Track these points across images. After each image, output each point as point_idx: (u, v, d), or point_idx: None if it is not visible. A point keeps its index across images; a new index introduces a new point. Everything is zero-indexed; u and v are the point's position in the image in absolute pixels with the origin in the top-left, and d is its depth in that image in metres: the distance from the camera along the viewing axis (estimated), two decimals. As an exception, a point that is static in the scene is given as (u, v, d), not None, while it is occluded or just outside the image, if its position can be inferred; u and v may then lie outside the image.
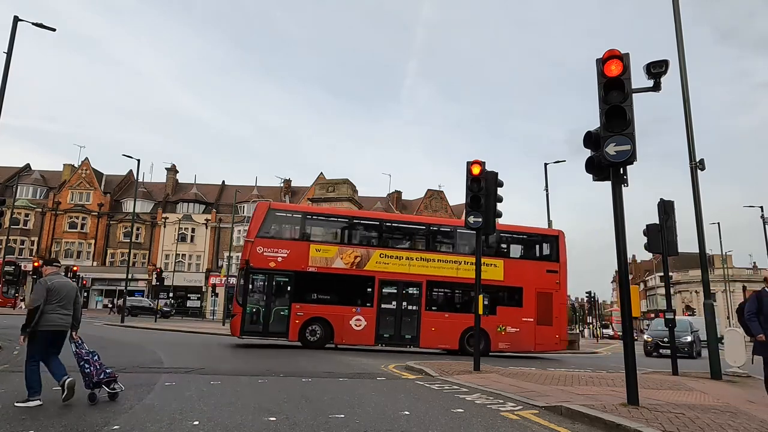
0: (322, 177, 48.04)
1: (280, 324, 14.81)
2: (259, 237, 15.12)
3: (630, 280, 6.50)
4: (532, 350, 15.85)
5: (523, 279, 15.73)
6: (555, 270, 15.94)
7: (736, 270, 58.07)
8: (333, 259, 15.27)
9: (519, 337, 15.49)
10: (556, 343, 15.67)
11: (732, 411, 6.14)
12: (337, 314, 15.01)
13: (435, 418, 5.36)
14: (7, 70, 14.05)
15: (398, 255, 15.64)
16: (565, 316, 16.03)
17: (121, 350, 12.62)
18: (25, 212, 47.88)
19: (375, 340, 15.18)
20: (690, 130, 11.10)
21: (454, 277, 15.58)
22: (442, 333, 15.26)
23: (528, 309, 15.52)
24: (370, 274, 15.28)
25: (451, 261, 15.78)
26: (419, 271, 15.45)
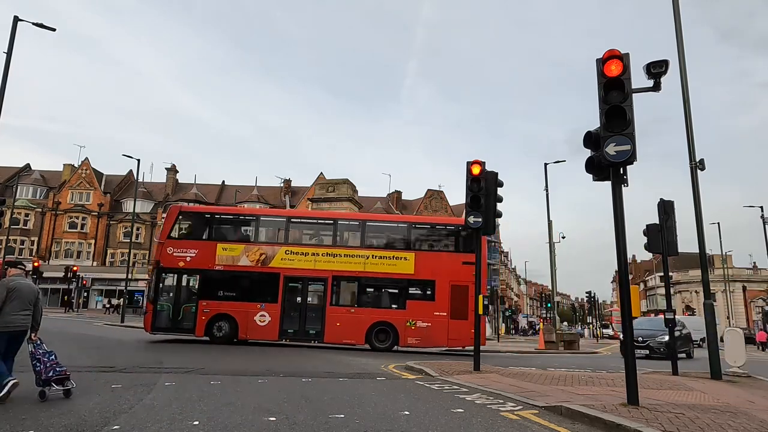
0: (322, 177, 48.06)
1: (188, 320, 15.38)
2: (169, 239, 15.92)
3: (630, 280, 6.50)
4: (444, 345, 15.39)
5: (436, 272, 15.23)
6: (472, 262, 15.02)
7: (736, 270, 58.08)
8: (239, 258, 15.65)
9: (430, 332, 15.13)
10: (471, 338, 14.04)
11: (732, 411, 6.14)
12: (241, 311, 15.39)
13: (435, 418, 5.36)
14: (7, 70, 14.07)
15: (304, 251, 15.78)
16: None
17: (121, 350, 12.63)
18: (25, 212, 47.88)
19: (279, 336, 15.46)
20: (690, 130, 11.10)
21: (361, 272, 15.53)
22: (348, 328, 15.27)
23: (441, 303, 15.04)
24: (275, 271, 15.52)
25: (359, 255, 15.65)
26: (325, 267, 15.50)
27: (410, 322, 15.11)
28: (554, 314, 29.40)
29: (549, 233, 27.24)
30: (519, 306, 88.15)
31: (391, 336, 15.09)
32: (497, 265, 60.87)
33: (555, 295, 29.85)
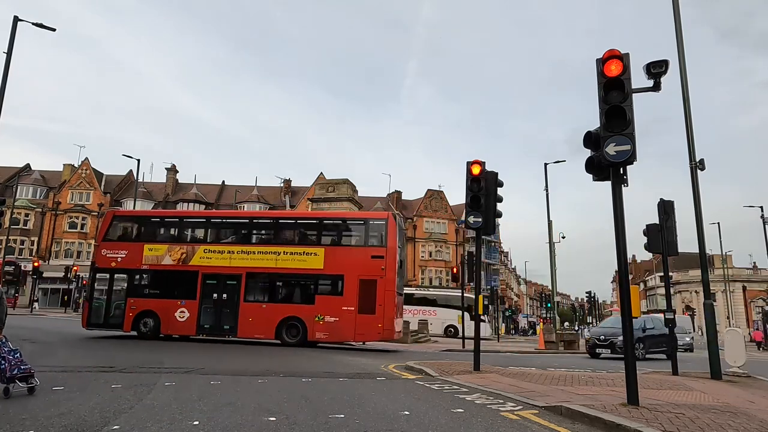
0: (322, 177, 48.06)
1: (118, 317, 16.21)
2: (104, 241, 17.13)
3: (630, 280, 6.50)
4: (352, 340, 15.48)
5: (345, 266, 15.23)
6: (381, 255, 14.92)
7: (736, 270, 58.09)
8: (163, 257, 16.37)
9: (338, 327, 15.13)
10: (378, 332, 14.75)
11: (732, 411, 6.14)
12: (164, 307, 16.03)
13: (435, 418, 5.36)
14: (7, 70, 14.08)
15: (221, 249, 16.32)
16: (391, 303, 14.63)
17: (121, 350, 12.63)
18: (25, 212, 47.89)
19: (196, 331, 15.96)
20: (690, 130, 11.10)
21: (273, 268, 15.78)
22: (259, 323, 15.55)
23: (349, 297, 15.00)
24: (194, 269, 16.08)
25: (271, 252, 15.91)
26: (239, 264, 15.90)
27: (319, 316, 15.20)
28: (554, 314, 29.42)
29: (549, 233, 27.26)
30: (519, 306, 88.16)
31: (300, 331, 15.31)
32: (497, 265, 60.90)
33: (555, 295, 29.87)
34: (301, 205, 50.56)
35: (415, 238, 51.79)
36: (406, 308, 34.55)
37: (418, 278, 50.35)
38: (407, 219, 52.52)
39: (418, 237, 51.91)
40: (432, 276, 51.24)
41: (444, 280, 50.52)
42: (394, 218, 15.70)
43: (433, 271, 51.45)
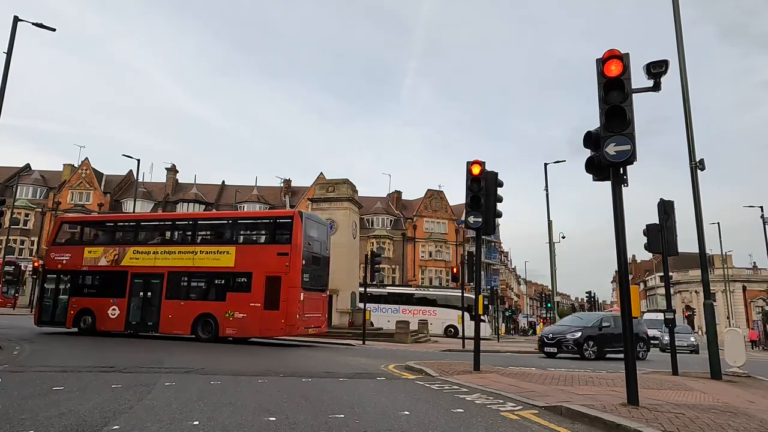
0: (322, 177, 48.05)
1: (63, 315, 17.46)
2: (53, 245, 18.60)
3: (630, 280, 6.50)
4: (258, 335, 15.93)
5: (254, 264, 15.73)
6: (286, 252, 15.37)
7: (736, 270, 58.07)
8: (99, 258, 17.60)
9: (246, 323, 15.55)
10: (281, 328, 15.13)
11: (732, 411, 6.14)
12: (99, 305, 17.18)
13: (435, 418, 5.36)
14: (7, 70, 14.05)
15: (147, 250, 17.33)
16: (295, 299, 14.96)
17: (122, 350, 12.63)
18: (25, 212, 47.89)
19: (125, 327, 16.91)
20: (690, 130, 11.10)
21: (191, 267, 16.49)
22: (178, 319, 16.23)
23: (256, 294, 15.46)
24: (124, 269, 17.17)
25: (189, 251, 16.69)
26: (162, 263, 16.78)
27: (229, 313, 15.70)
28: (554, 314, 29.42)
29: (549, 233, 27.26)
30: (519, 306, 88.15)
31: (213, 327, 15.88)
32: (497, 265, 60.89)
33: (555, 295, 29.87)
34: (301, 205, 50.56)
35: (415, 238, 51.79)
36: (406, 308, 34.92)
37: (418, 278, 50.35)
38: (407, 219, 52.55)
39: (418, 237, 51.91)
40: (432, 276, 51.24)
41: (444, 280, 50.52)
42: (300, 216, 15.98)
43: (433, 271, 51.45)
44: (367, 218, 51.08)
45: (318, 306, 16.67)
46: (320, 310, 16.88)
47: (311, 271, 16.10)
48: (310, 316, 15.88)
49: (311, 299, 15.98)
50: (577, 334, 16.80)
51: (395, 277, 50.26)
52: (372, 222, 52.27)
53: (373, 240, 49.55)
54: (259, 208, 51.28)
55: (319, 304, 16.74)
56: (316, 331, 16.90)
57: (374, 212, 52.44)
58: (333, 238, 25.11)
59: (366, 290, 20.88)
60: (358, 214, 29.09)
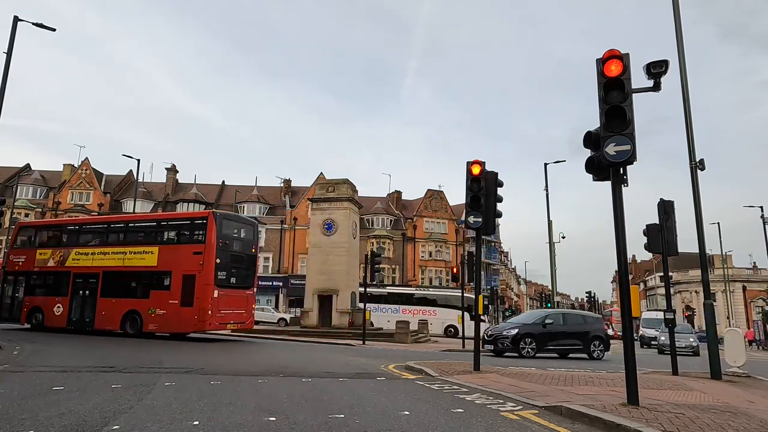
0: (322, 177, 48.02)
1: (18, 312, 18.94)
2: (12, 248, 20.25)
3: (630, 280, 6.50)
4: (176, 331, 16.61)
5: (173, 263, 16.48)
6: (200, 251, 16.09)
7: (736, 270, 58.06)
8: (48, 260, 18.99)
9: (166, 319, 16.31)
10: (194, 323, 15.87)
11: (732, 411, 6.14)
12: (47, 303, 18.49)
13: (435, 418, 5.36)
14: (7, 70, 14.05)
15: (86, 251, 18.46)
16: (207, 296, 15.59)
17: (121, 350, 12.63)
18: (25, 212, 47.84)
19: (67, 324, 18.01)
20: (690, 130, 11.10)
21: (121, 267, 17.46)
22: (110, 316, 17.18)
23: (174, 291, 16.22)
24: (68, 270, 18.40)
25: (120, 252, 17.71)
26: (98, 264, 17.89)
27: (152, 310, 16.52)
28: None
29: (549, 233, 27.25)
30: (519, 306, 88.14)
31: (138, 323, 16.70)
32: (497, 265, 60.90)
33: (555, 295, 29.86)
34: (301, 205, 50.58)
35: (415, 238, 51.78)
36: (406, 308, 34.92)
37: (418, 278, 50.34)
38: (407, 219, 52.54)
39: (418, 237, 51.89)
40: (432, 276, 51.23)
41: (444, 280, 50.51)
42: (214, 216, 16.65)
43: (433, 271, 51.43)
44: (367, 218, 51.08)
45: (240, 303, 17.26)
46: (243, 306, 17.42)
47: (230, 270, 16.80)
48: (228, 313, 16.50)
49: (229, 296, 16.55)
50: (513, 331, 16.72)
51: (395, 277, 50.25)
52: (372, 222, 52.27)
53: (373, 240, 49.55)
54: (259, 208, 51.31)
55: (241, 301, 17.33)
56: (239, 327, 17.51)
57: (374, 212, 52.44)
58: (333, 238, 25.20)
59: (366, 290, 20.90)
60: (358, 214, 29.10)
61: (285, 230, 50.29)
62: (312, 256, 26.08)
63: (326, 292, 24.69)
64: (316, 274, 25.13)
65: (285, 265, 49.34)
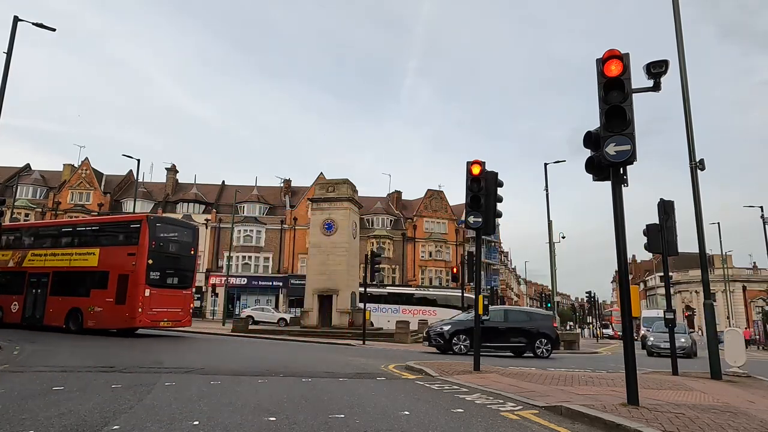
0: (322, 177, 48.02)
1: None
2: None
3: (630, 280, 6.50)
4: (111, 327, 17.40)
5: (111, 264, 17.49)
6: (133, 253, 17.13)
7: (736, 270, 58.06)
8: (8, 261, 20.20)
9: (103, 316, 17.19)
10: (125, 320, 16.85)
11: (732, 411, 6.14)
12: (6, 301, 19.55)
13: (435, 418, 5.36)
14: (7, 70, 14.05)
15: (40, 253, 19.57)
16: (138, 294, 16.60)
17: (121, 350, 12.63)
18: (25, 212, 47.84)
19: (21, 320, 18.98)
20: (690, 130, 11.10)
21: (68, 267, 18.54)
22: (57, 313, 18.10)
23: (111, 290, 17.19)
24: (24, 270, 19.64)
25: (68, 254, 18.80)
26: (49, 264, 19.00)
27: (91, 307, 17.45)
28: (554, 314, 29.40)
29: (549, 233, 27.27)
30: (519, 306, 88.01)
31: (80, 320, 17.55)
32: (497, 265, 60.89)
33: (555, 295, 29.87)
34: (301, 205, 50.57)
35: (415, 238, 51.78)
36: (406, 308, 34.92)
37: (418, 278, 50.34)
38: (407, 219, 52.53)
39: (418, 237, 51.90)
40: (432, 276, 51.23)
41: (444, 280, 50.51)
42: (148, 220, 17.71)
43: (433, 271, 51.43)
44: (367, 218, 51.08)
45: (175, 302, 18.10)
46: (179, 305, 18.27)
47: (164, 270, 17.69)
48: (160, 311, 17.36)
49: (163, 295, 17.39)
50: (446, 328, 16.78)
51: (395, 277, 50.25)
52: (372, 222, 52.27)
53: (373, 240, 49.55)
54: (259, 208, 51.33)
55: (177, 300, 18.16)
56: (174, 325, 18.42)
57: (374, 212, 52.44)
58: (333, 238, 25.21)
59: (366, 290, 20.89)
60: (358, 214, 29.10)
61: (285, 230, 50.30)
62: (312, 256, 26.09)
63: (326, 292, 24.70)
64: (316, 274, 25.13)
65: (285, 265, 49.35)
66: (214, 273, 47.74)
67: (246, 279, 48.26)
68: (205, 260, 49.76)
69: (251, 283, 48.42)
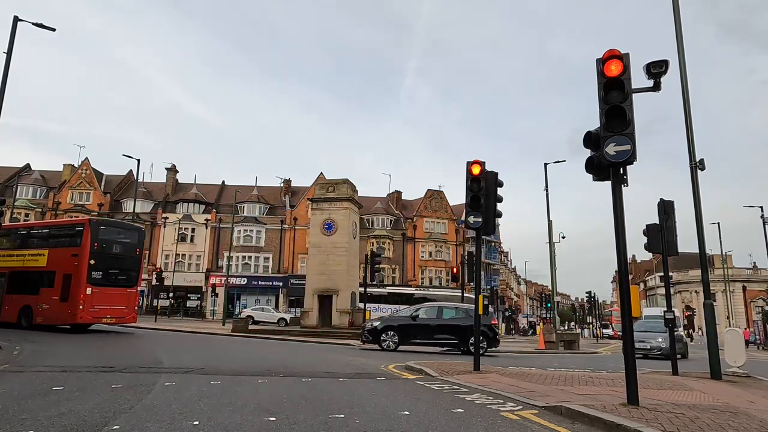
0: (322, 177, 48.03)
1: None
2: None
3: (630, 280, 6.50)
4: (55, 323, 18.34)
5: (57, 264, 18.47)
6: (77, 254, 18.12)
7: (736, 270, 58.06)
8: None
9: (49, 312, 18.12)
10: (68, 316, 17.74)
11: (732, 411, 6.14)
12: None
13: (435, 418, 5.36)
14: (7, 70, 14.05)
15: (0, 254, 20.29)
16: (80, 292, 17.54)
17: (121, 350, 12.63)
18: (25, 212, 47.86)
19: None
20: (690, 130, 11.10)
21: (21, 267, 19.51)
22: (11, 310, 18.96)
23: (57, 289, 18.21)
24: None
25: (22, 254, 19.76)
26: (7, 264, 19.91)
27: (40, 305, 18.38)
28: (554, 314, 29.42)
29: (549, 233, 27.25)
30: (519, 306, 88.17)
31: (30, 316, 18.49)
32: (497, 265, 60.89)
33: (555, 295, 29.86)
34: (301, 205, 50.58)
35: (415, 238, 51.79)
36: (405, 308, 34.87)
37: (418, 278, 50.35)
38: (407, 219, 52.54)
39: (418, 237, 51.91)
40: (432, 276, 51.24)
41: (444, 280, 50.52)
42: (90, 223, 18.78)
43: (433, 271, 51.44)
44: (367, 218, 51.09)
45: (119, 299, 19.07)
46: (123, 303, 19.26)
47: (107, 270, 18.68)
48: (103, 308, 18.28)
49: (106, 293, 18.31)
50: (376, 324, 17.11)
51: (395, 277, 50.26)
52: (372, 222, 52.28)
53: (373, 240, 49.56)
54: (259, 208, 51.35)
55: (121, 298, 19.10)
56: (118, 321, 19.38)
57: (374, 212, 52.44)
58: (333, 238, 25.23)
59: (366, 290, 20.91)
60: (358, 214, 29.11)
61: (285, 230, 50.30)
62: (312, 256, 26.10)
63: (326, 292, 24.70)
64: (316, 274, 25.14)
65: (285, 265, 49.37)
66: (214, 273, 47.75)
67: (246, 279, 48.28)
68: (205, 260, 49.80)
69: (251, 283, 48.44)
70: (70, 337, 15.86)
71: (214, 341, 17.74)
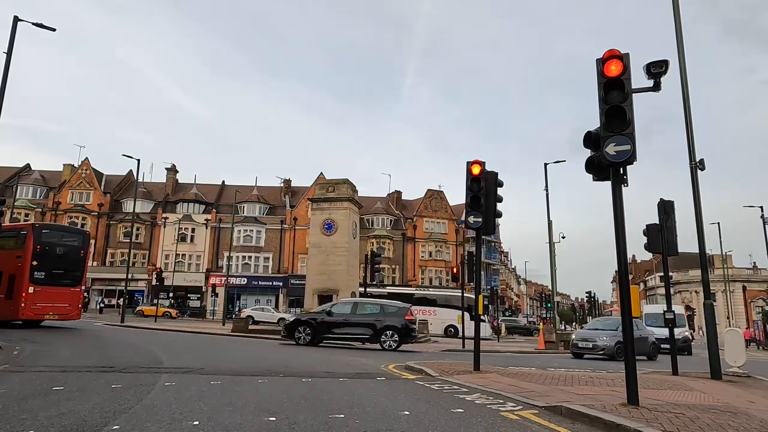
0: (322, 177, 48.04)
1: None
2: None
3: (630, 280, 6.50)
4: (1, 319, 18.91)
5: (4, 265, 19.47)
6: (21, 255, 19.27)
7: (736, 270, 58.02)
8: None
9: None
10: (11, 313, 18.74)
11: (732, 411, 6.15)
12: None
13: (435, 418, 5.36)
14: (7, 70, 14.05)
15: None
16: (21, 291, 18.64)
17: (121, 350, 12.63)
18: (25, 212, 47.86)
19: None
20: (690, 130, 11.11)
21: None
22: None
23: (2, 287, 19.32)
24: None
25: None
26: None
27: None
28: (554, 314, 29.44)
29: (549, 233, 27.26)
30: (519, 306, 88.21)
31: None
32: (497, 265, 60.92)
33: (555, 295, 29.88)
34: (301, 205, 50.59)
35: (415, 238, 51.80)
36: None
37: (418, 278, 50.36)
38: (407, 219, 52.54)
39: (418, 237, 51.91)
40: (432, 276, 51.25)
41: (444, 280, 50.53)
42: (33, 228, 20.08)
43: (433, 271, 51.46)
44: (367, 218, 51.09)
45: (63, 298, 20.04)
46: (67, 301, 20.25)
47: (50, 270, 19.63)
48: (45, 305, 19.33)
49: (49, 292, 19.34)
50: (291, 319, 17.87)
51: (395, 277, 50.26)
52: (372, 222, 52.28)
53: (373, 240, 49.57)
54: (259, 208, 51.38)
55: (64, 296, 20.05)
56: (61, 318, 20.22)
57: (374, 212, 52.45)
58: (333, 238, 25.23)
59: (366, 290, 20.90)
60: (358, 214, 29.11)
61: (285, 230, 50.32)
62: (312, 256, 26.10)
63: (326, 292, 24.69)
64: (316, 274, 25.14)
65: (285, 265, 49.38)
66: (214, 273, 47.75)
67: (246, 279, 48.29)
68: (205, 260, 49.81)
69: (251, 283, 48.45)
70: (70, 337, 15.86)
71: (214, 341, 17.74)
